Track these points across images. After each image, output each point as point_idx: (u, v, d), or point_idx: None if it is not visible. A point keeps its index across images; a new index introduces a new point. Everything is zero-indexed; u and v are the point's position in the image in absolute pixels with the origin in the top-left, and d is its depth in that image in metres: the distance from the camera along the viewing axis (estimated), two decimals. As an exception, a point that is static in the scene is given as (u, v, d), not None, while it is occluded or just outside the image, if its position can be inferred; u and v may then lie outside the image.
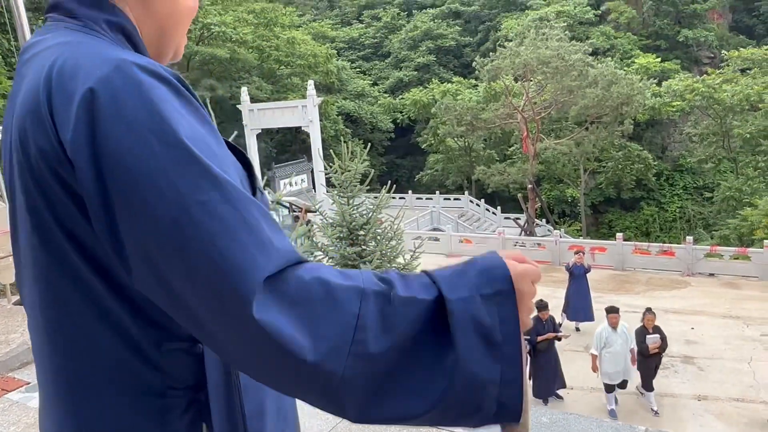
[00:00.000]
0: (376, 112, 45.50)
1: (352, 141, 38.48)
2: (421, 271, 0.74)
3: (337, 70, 45.64)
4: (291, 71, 39.84)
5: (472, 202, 33.04)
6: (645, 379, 8.77)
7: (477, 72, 33.94)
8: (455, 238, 21.13)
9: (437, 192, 34.76)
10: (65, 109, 0.66)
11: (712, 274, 16.29)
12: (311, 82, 27.90)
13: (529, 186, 28.08)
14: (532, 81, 27.89)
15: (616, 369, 8.44)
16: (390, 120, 45.84)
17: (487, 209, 32.72)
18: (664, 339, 8.62)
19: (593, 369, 8.74)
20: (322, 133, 29.66)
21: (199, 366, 0.77)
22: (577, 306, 12.28)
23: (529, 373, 8.84)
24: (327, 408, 0.68)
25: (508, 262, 0.72)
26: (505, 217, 31.34)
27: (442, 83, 45.55)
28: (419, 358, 0.69)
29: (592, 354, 8.76)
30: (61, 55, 0.71)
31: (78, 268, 0.71)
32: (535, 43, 28.04)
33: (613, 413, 8.63)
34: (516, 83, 28.49)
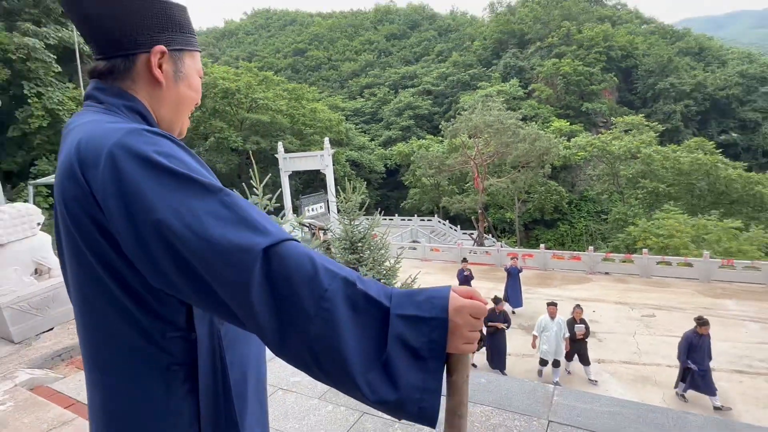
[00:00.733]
0: (373, 159, 45.70)
1: (356, 179, 38.84)
2: (381, 284, 0.69)
3: (346, 130, 46.10)
4: (313, 131, 40.06)
5: (440, 222, 33.05)
6: (581, 358, 8.41)
7: (442, 132, 34.30)
8: (427, 247, 21.08)
9: (415, 215, 34.72)
10: (94, 166, 0.67)
11: (607, 273, 16.31)
12: (327, 138, 27.97)
13: (480, 211, 28.11)
14: (480, 138, 28.08)
15: (549, 349, 8.16)
16: (382, 164, 46.01)
17: (450, 227, 32.75)
18: (587, 327, 8.40)
19: (532, 346, 8.49)
20: (335, 174, 29.64)
21: (193, 348, 0.76)
22: (513, 296, 12.20)
23: (486, 349, 8.78)
24: (299, 361, 0.66)
25: (452, 296, 0.67)
26: (463, 233, 31.34)
27: (419, 139, 46.05)
28: (366, 338, 0.65)
29: (533, 335, 8.50)
30: (87, 131, 0.72)
31: (103, 280, 0.71)
32: (483, 112, 28.33)
33: (557, 383, 8.13)
34: (470, 140, 28.70)
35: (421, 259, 19.80)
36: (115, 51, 0.79)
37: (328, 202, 25.72)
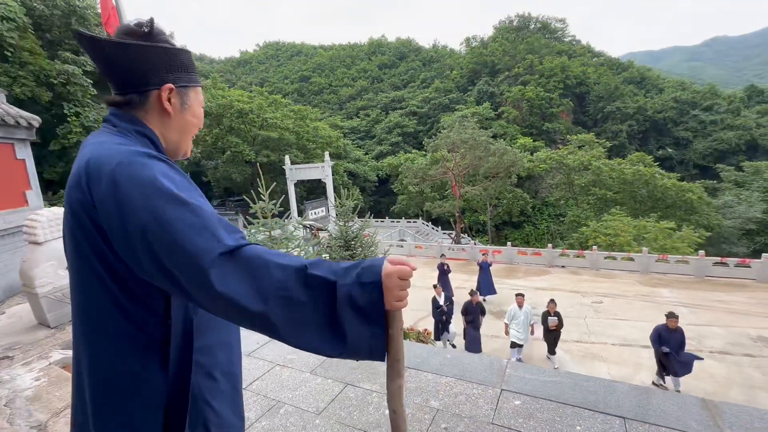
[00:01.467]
0: (367, 170, 45.65)
1: (352, 187, 38.57)
2: (333, 263, 0.74)
3: (344, 145, 45.92)
4: (315, 146, 39.88)
5: (424, 223, 33.06)
6: (549, 347, 8.14)
7: (425, 147, 34.40)
8: (413, 245, 21.10)
9: (403, 217, 34.77)
10: (97, 180, 0.71)
11: (563, 266, 16.39)
12: (327, 152, 27.94)
13: (457, 214, 28.20)
14: (457, 152, 28.18)
15: (518, 335, 7.92)
16: (375, 175, 45.95)
17: (432, 228, 32.78)
18: (560, 320, 8.01)
19: (505, 333, 8.20)
20: (334, 182, 29.58)
21: (168, 332, 0.78)
22: (484, 286, 12.16)
23: (464, 335, 8.45)
24: (268, 335, 0.70)
25: (385, 264, 0.72)
26: (443, 233, 31.31)
27: (406, 153, 46.16)
28: (322, 314, 0.70)
29: (505, 323, 8.20)
30: (96, 150, 0.75)
31: (98, 270, 0.74)
32: (459, 131, 28.48)
33: (520, 360, 7.92)
34: (448, 154, 28.80)
35: (407, 255, 19.77)
36: (131, 89, 0.83)
37: (328, 206, 25.65)
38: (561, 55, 59.36)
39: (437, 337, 8.51)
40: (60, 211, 3.81)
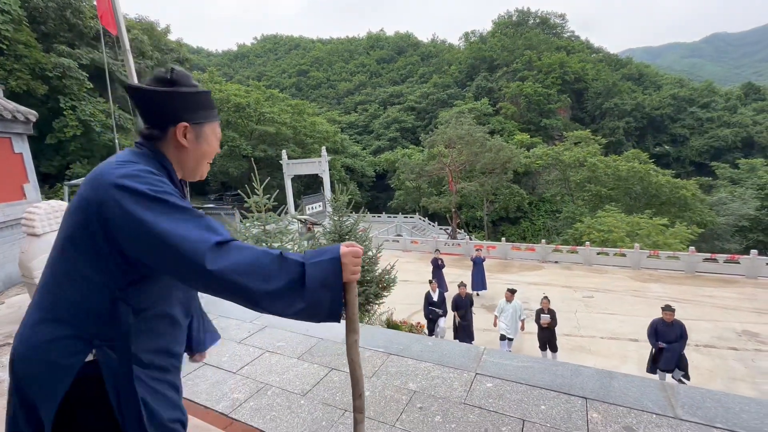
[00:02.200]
0: (365, 166, 45.64)
1: (350, 182, 38.74)
2: (305, 251, 0.94)
3: (341, 140, 45.88)
4: (313, 141, 39.84)
5: (420, 219, 33.24)
6: (547, 346, 7.84)
7: (422, 143, 34.46)
8: (408, 240, 21.23)
9: (400, 213, 34.86)
10: (105, 188, 0.87)
11: (556, 262, 16.53)
12: (324, 147, 27.99)
13: (453, 210, 28.32)
14: (454, 148, 28.24)
15: (506, 328, 7.98)
16: (372, 170, 45.97)
17: (429, 223, 32.96)
18: (554, 317, 7.86)
19: (494, 325, 8.29)
20: (331, 177, 29.65)
21: (130, 297, 0.94)
22: (477, 281, 12.33)
23: (456, 331, 8.36)
24: (249, 306, 0.87)
25: (342, 247, 0.92)
26: (440, 228, 31.59)
27: (403, 149, 46.24)
28: (294, 286, 0.87)
29: (494, 315, 8.30)
30: (115, 162, 0.92)
31: (98, 243, 0.89)
32: (456, 126, 28.58)
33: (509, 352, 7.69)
34: (445, 149, 28.85)
35: (402, 250, 19.98)
36: (154, 124, 1.01)
37: (325, 201, 25.74)
38: (560, 51, 59.10)
39: (431, 333, 8.65)
40: (57, 204, 3.92)
